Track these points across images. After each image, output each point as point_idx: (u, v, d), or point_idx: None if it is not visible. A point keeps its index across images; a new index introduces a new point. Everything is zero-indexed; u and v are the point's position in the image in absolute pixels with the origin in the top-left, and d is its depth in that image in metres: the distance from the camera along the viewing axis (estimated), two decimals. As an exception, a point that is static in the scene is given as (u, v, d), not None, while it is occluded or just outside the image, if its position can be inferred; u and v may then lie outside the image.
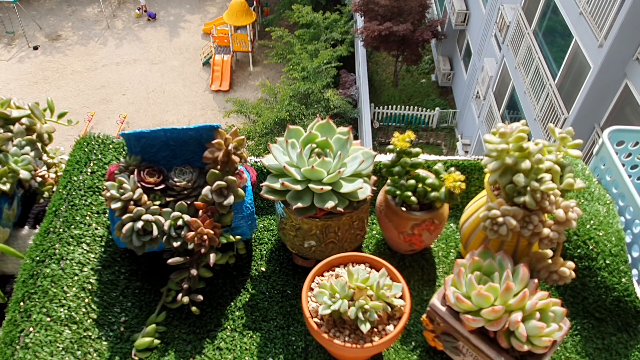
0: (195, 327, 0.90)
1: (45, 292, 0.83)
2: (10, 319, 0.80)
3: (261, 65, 11.68)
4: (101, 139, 1.02)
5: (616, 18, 5.19)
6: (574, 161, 1.04)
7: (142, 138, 0.86)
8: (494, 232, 0.73)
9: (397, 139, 0.87)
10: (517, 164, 0.71)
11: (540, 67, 6.77)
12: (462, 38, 10.53)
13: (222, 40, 11.56)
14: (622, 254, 0.92)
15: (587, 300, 0.93)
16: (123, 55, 11.99)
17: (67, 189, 0.95)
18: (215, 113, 10.84)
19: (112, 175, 0.87)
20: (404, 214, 0.89)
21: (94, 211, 0.95)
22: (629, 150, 1.11)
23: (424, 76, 11.09)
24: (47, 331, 0.80)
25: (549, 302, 0.70)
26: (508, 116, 8.11)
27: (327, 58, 9.14)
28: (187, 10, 13.25)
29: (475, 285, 0.71)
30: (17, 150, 0.95)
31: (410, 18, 9.25)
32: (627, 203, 0.99)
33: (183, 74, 11.65)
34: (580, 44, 6.03)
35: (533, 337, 0.68)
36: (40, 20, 12.59)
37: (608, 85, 5.66)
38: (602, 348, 0.90)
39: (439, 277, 0.98)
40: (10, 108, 0.98)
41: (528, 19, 7.29)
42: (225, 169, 0.86)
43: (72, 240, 0.90)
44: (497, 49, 8.64)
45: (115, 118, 10.53)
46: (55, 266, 0.86)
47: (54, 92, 10.79)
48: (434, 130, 10.22)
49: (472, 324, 0.71)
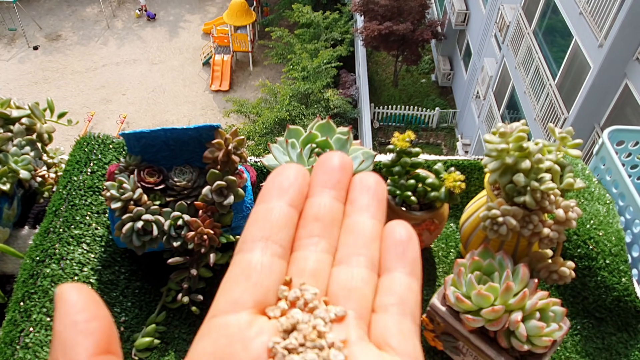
0: (195, 327, 0.90)
1: (45, 292, 0.83)
2: (10, 319, 0.80)
3: (261, 65, 11.68)
4: (101, 139, 1.02)
5: (616, 18, 5.19)
6: (574, 161, 1.04)
7: (142, 138, 0.86)
8: (494, 232, 0.73)
9: (397, 139, 0.87)
10: (517, 164, 0.71)
11: (540, 67, 6.77)
12: (462, 38, 10.52)
13: (222, 40, 11.56)
14: (622, 254, 0.92)
15: (587, 300, 0.93)
16: (123, 55, 11.99)
17: (67, 189, 0.95)
18: (215, 113, 10.84)
19: (112, 175, 0.87)
20: (404, 214, 0.89)
21: (94, 211, 0.95)
22: (629, 150, 1.11)
23: (424, 76, 11.09)
24: (47, 331, 0.80)
25: (549, 302, 0.70)
26: (508, 116, 8.12)
27: (327, 58, 9.14)
28: (187, 10, 13.25)
29: (475, 285, 0.71)
30: (17, 150, 0.95)
31: (410, 18, 9.25)
32: (627, 203, 0.99)
33: (183, 74, 11.65)
34: (580, 43, 6.03)
35: (533, 336, 0.68)
36: (40, 20, 12.59)
37: (608, 85, 5.66)
38: (602, 348, 0.90)
39: (439, 277, 0.98)
40: (10, 108, 0.98)
41: (528, 18, 7.29)
42: (225, 169, 0.86)
43: (72, 240, 0.90)
44: (497, 49, 8.64)
45: (115, 118, 10.53)
46: (55, 266, 0.86)
47: (54, 92, 10.79)
48: (434, 130, 10.22)
49: (472, 323, 0.71)
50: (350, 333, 0.26)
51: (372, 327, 0.27)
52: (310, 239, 0.29)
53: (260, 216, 0.29)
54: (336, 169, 0.30)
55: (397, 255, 0.28)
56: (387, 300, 0.27)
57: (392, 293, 0.27)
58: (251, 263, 0.27)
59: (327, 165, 0.31)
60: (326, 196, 0.30)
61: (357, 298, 0.27)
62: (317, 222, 0.29)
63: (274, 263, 0.28)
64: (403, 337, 0.26)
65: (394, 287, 0.28)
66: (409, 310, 0.27)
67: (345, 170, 0.31)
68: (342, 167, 0.31)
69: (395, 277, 0.28)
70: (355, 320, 0.26)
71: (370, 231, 0.29)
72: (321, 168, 0.31)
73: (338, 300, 0.27)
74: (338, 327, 0.26)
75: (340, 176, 0.30)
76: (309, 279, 0.27)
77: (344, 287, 0.27)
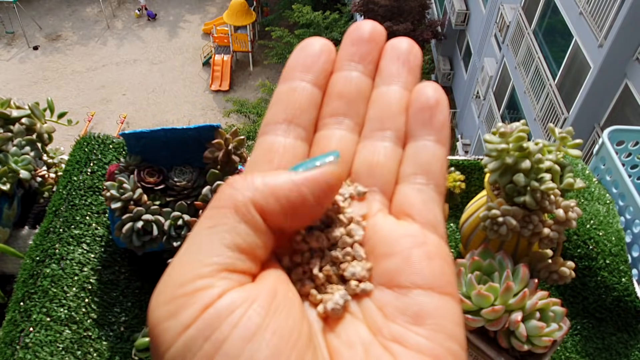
0: (195, 327, 0.90)
1: (45, 292, 0.83)
2: (10, 319, 0.80)
3: (261, 65, 11.68)
4: (101, 139, 1.02)
5: (616, 18, 5.19)
6: (574, 161, 1.04)
7: (142, 138, 0.86)
8: (494, 232, 0.73)
9: (397, 139, 0.87)
10: (517, 164, 0.71)
11: (540, 67, 6.77)
12: (462, 38, 10.52)
13: (222, 40, 11.56)
14: (622, 254, 0.92)
15: (587, 300, 0.93)
16: (123, 55, 11.99)
17: (67, 189, 0.95)
18: (215, 113, 10.84)
19: (112, 175, 0.87)
20: (404, 214, 0.89)
21: (94, 211, 0.95)
22: (629, 150, 1.11)
23: (424, 76, 11.09)
24: (47, 331, 0.80)
25: (549, 302, 0.70)
26: (508, 116, 8.12)
27: (327, 58, 9.13)
28: (187, 10, 13.25)
29: (475, 285, 0.71)
30: (17, 150, 0.95)
31: (410, 18, 9.25)
32: (627, 203, 0.99)
33: (183, 74, 11.65)
34: (580, 43, 6.03)
35: (533, 336, 0.68)
36: (40, 20, 12.59)
37: (608, 85, 5.66)
38: (602, 348, 0.90)
39: (439, 277, 0.98)
40: (10, 108, 0.98)
41: (528, 18, 7.29)
42: (225, 169, 0.86)
43: (72, 240, 0.90)
44: (497, 49, 8.64)
45: (115, 118, 10.52)
46: (55, 266, 0.86)
47: (54, 92, 10.79)
48: (434, 130, 10.21)
49: (472, 323, 0.71)
50: (372, 207, 0.26)
51: (394, 198, 0.26)
52: (334, 118, 0.28)
53: (283, 97, 0.28)
54: (364, 40, 0.29)
55: (423, 122, 0.27)
56: (410, 170, 0.26)
57: (415, 162, 0.27)
58: (274, 146, 0.27)
59: (355, 35, 0.29)
60: (353, 70, 0.28)
61: (380, 174, 0.27)
62: (341, 100, 0.28)
63: (297, 146, 0.27)
64: (424, 206, 0.25)
65: (418, 156, 0.27)
66: (433, 178, 0.26)
67: (375, 41, 0.29)
68: (371, 38, 0.29)
69: (420, 145, 0.27)
70: (376, 195, 0.26)
71: (397, 102, 0.28)
72: (349, 39, 0.29)
73: (360, 178, 0.27)
74: (358, 203, 0.26)
75: (368, 48, 0.29)
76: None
77: (367, 164, 0.27)
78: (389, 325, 0.22)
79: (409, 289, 0.23)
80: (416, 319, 0.22)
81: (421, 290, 0.23)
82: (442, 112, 0.27)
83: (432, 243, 0.24)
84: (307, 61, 0.28)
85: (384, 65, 0.29)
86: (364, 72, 0.28)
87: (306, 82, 0.28)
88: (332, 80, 0.28)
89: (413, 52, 0.29)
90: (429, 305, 0.22)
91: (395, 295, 0.23)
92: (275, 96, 0.28)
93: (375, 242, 0.25)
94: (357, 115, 0.28)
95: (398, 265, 0.23)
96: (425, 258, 0.23)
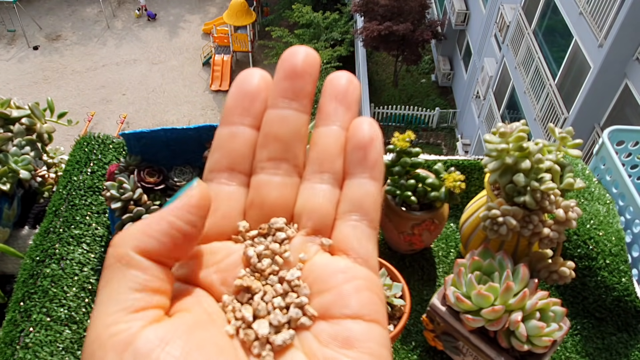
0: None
1: (45, 292, 0.83)
2: (10, 319, 0.80)
3: (261, 65, 11.67)
4: (101, 139, 1.02)
5: (616, 18, 5.19)
6: (574, 161, 1.04)
7: (142, 138, 0.86)
8: (494, 232, 0.73)
9: (397, 139, 0.87)
10: (517, 164, 0.71)
11: (540, 67, 6.77)
12: (462, 38, 10.53)
13: (222, 40, 11.56)
14: (622, 254, 0.92)
15: (587, 300, 0.93)
16: (123, 55, 11.99)
17: (67, 189, 0.95)
18: (215, 113, 10.84)
19: (112, 175, 0.87)
20: (404, 214, 0.89)
21: (94, 211, 0.95)
22: (629, 150, 1.11)
23: (424, 76, 11.09)
24: (47, 331, 0.80)
25: (549, 302, 0.70)
26: (508, 116, 8.12)
27: (327, 58, 9.14)
28: (187, 10, 13.25)
29: (475, 285, 0.71)
30: (17, 150, 0.95)
31: (410, 18, 9.24)
32: (627, 203, 0.99)
33: (183, 74, 11.65)
34: (580, 43, 6.03)
35: (533, 336, 0.68)
36: (40, 20, 12.59)
37: (608, 85, 5.66)
38: (602, 348, 0.90)
39: (439, 276, 0.98)
40: (10, 108, 0.98)
41: (528, 18, 7.29)
42: (225, 168, 0.86)
43: (72, 240, 0.90)
44: (497, 49, 8.64)
45: (115, 118, 10.52)
46: (55, 266, 0.86)
47: (54, 92, 10.79)
48: (434, 130, 10.22)
49: (472, 323, 0.71)
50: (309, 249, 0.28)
51: (332, 235, 0.28)
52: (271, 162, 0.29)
53: (224, 143, 0.29)
54: (298, 73, 0.29)
55: (358, 160, 0.28)
56: (345, 208, 0.28)
57: (350, 200, 0.28)
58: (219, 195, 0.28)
59: (287, 67, 0.29)
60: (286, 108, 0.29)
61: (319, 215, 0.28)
62: (277, 143, 0.29)
63: (240, 192, 0.29)
64: (357, 242, 0.27)
65: (352, 194, 0.28)
66: (366, 215, 0.28)
67: (308, 73, 0.29)
68: (303, 70, 0.29)
69: (355, 183, 0.28)
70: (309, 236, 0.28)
71: (334, 143, 0.29)
72: (282, 71, 0.29)
73: (300, 219, 0.28)
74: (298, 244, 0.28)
75: (302, 83, 0.29)
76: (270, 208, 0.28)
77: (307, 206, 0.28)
78: (323, 350, 0.24)
79: (340, 319, 0.25)
80: (346, 343, 0.24)
81: (350, 319, 0.25)
82: (375, 149, 0.28)
83: (362, 277, 0.26)
84: (245, 102, 0.29)
85: (322, 104, 0.30)
86: (298, 109, 0.29)
87: (245, 125, 0.29)
88: (268, 118, 0.29)
89: (350, 89, 0.30)
90: (357, 331, 0.25)
91: (329, 324, 0.25)
92: (217, 140, 0.29)
93: (312, 279, 0.27)
94: (295, 157, 0.29)
95: (331, 299, 0.26)
96: (354, 292, 0.26)
